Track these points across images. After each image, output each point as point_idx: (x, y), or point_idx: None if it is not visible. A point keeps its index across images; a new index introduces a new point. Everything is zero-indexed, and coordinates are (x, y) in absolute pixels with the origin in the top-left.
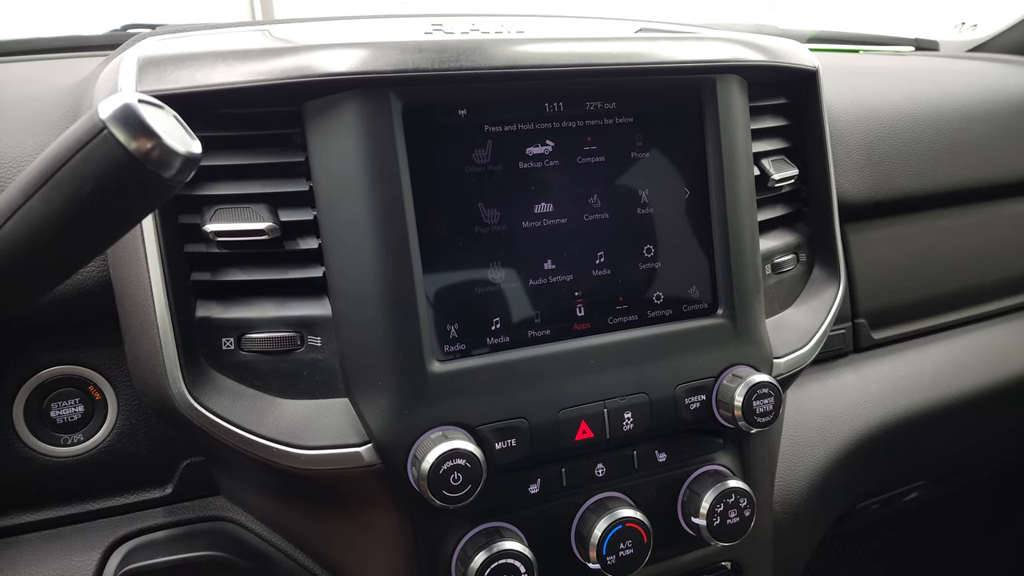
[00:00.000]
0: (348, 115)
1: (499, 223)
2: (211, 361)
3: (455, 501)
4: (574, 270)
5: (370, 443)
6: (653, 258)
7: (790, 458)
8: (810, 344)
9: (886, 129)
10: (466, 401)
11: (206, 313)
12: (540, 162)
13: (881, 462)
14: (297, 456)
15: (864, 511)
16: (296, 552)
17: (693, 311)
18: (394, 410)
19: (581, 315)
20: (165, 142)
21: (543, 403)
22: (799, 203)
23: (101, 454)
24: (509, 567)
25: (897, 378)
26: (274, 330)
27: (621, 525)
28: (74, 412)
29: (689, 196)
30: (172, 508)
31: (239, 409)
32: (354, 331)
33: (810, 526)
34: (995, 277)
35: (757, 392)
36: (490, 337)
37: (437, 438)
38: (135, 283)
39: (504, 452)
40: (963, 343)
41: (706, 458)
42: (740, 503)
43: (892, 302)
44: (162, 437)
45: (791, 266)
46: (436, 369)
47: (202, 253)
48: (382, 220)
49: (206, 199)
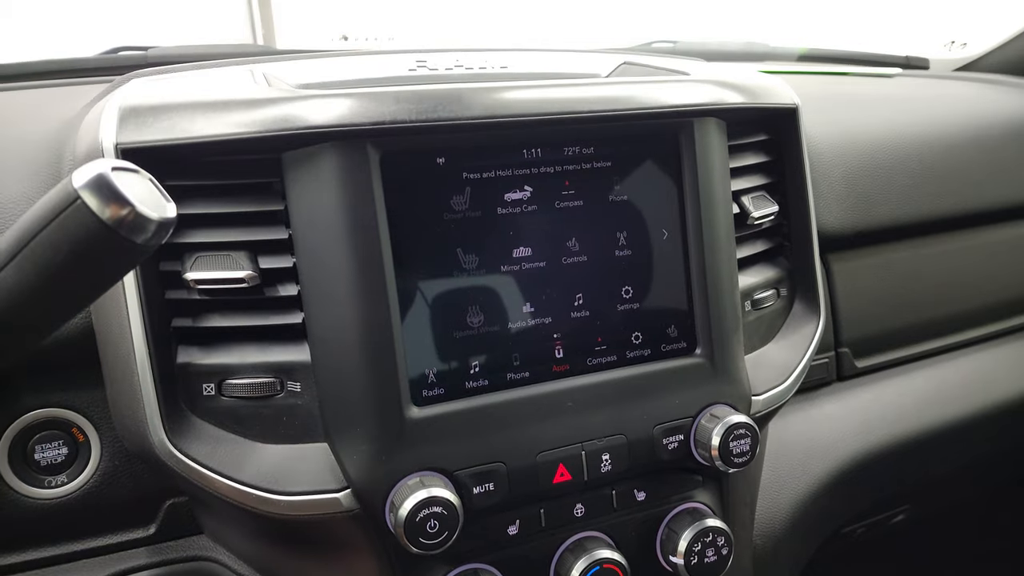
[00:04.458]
0: (326, 165)
1: (478, 268)
2: (191, 407)
3: (432, 548)
4: (553, 313)
5: (348, 489)
6: (631, 299)
7: (771, 490)
8: (789, 380)
9: (868, 160)
10: (444, 446)
11: (187, 359)
12: (518, 207)
13: (863, 490)
14: (276, 502)
15: (849, 536)
16: None
17: (671, 351)
18: (372, 456)
19: (560, 356)
20: (138, 210)
21: (521, 447)
22: (780, 238)
23: (85, 495)
24: None
25: (880, 407)
26: (254, 376)
27: (599, 566)
28: (58, 454)
29: (667, 237)
30: (155, 548)
31: (219, 455)
32: (333, 377)
33: (792, 557)
34: (977, 304)
35: (734, 433)
36: (468, 381)
37: (414, 484)
38: (116, 330)
39: (482, 496)
40: (946, 371)
41: (685, 495)
42: (718, 542)
43: (875, 330)
44: (145, 478)
45: (771, 301)
46: (414, 415)
47: (183, 300)
48: (360, 268)
49: (187, 247)
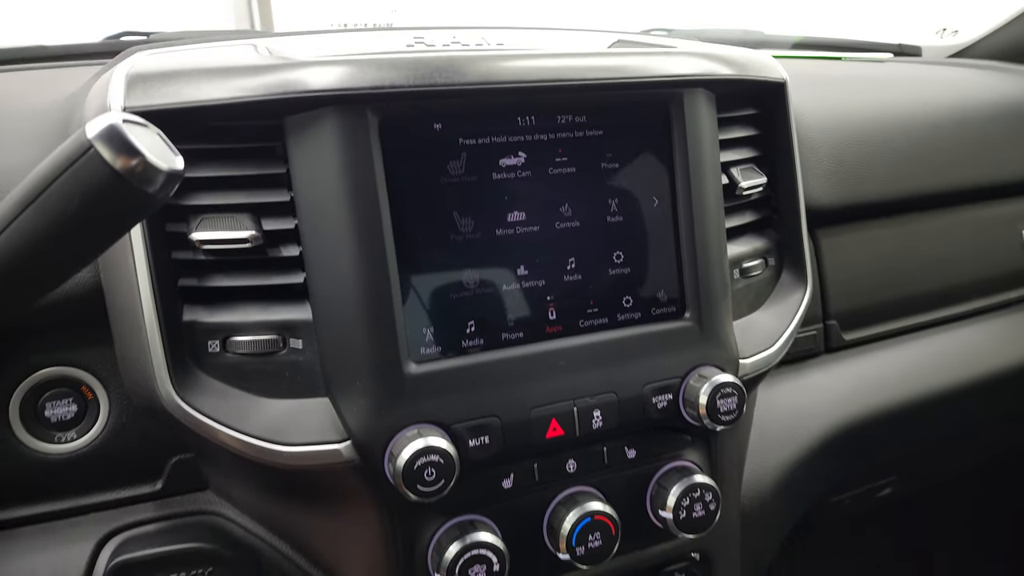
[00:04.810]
0: (327, 129)
1: (473, 231)
2: (197, 363)
3: (429, 496)
4: (546, 276)
5: (349, 440)
6: (623, 264)
7: (759, 454)
8: (776, 345)
9: (856, 137)
10: (441, 401)
11: (192, 317)
12: (513, 173)
13: (850, 458)
14: (280, 453)
15: (836, 506)
16: (280, 543)
17: (661, 314)
18: (372, 409)
19: (553, 318)
20: (148, 159)
21: (515, 402)
22: (768, 210)
23: (93, 451)
24: (482, 557)
25: (866, 377)
26: (257, 333)
27: (590, 518)
28: (67, 411)
29: (657, 205)
30: (162, 503)
31: (224, 408)
32: (334, 334)
33: (778, 519)
34: (963, 280)
35: (721, 392)
36: (465, 340)
37: (412, 435)
38: (124, 289)
39: (477, 449)
40: (931, 344)
41: (674, 454)
42: (705, 497)
43: (862, 304)
44: (152, 435)
45: (759, 270)
46: (412, 370)
47: (188, 260)
48: (360, 229)
49: (192, 209)
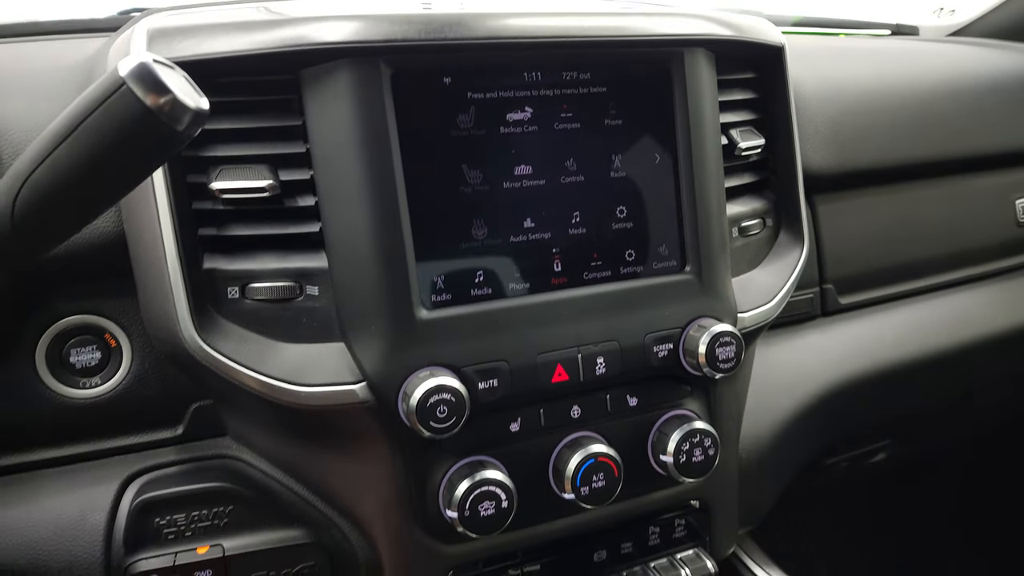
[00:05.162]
0: (341, 81)
1: (482, 183)
2: (218, 309)
3: (441, 432)
4: (552, 228)
5: (364, 382)
6: (625, 218)
7: (757, 409)
8: (774, 301)
9: (853, 105)
10: (451, 345)
11: (212, 265)
12: (520, 127)
13: (846, 416)
14: (297, 393)
15: (832, 469)
16: (297, 486)
17: (662, 268)
18: (385, 352)
19: (558, 270)
20: (178, 97)
21: (522, 348)
22: (766, 172)
23: (117, 397)
24: (491, 494)
25: (862, 338)
26: (275, 280)
27: (594, 459)
28: (92, 358)
29: (659, 161)
30: (183, 447)
31: (244, 351)
32: (348, 281)
33: (775, 473)
34: (957, 248)
35: (720, 340)
36: (474, 289)
37: (425, 376)
38: (148, 237)
39: (487, 391)
40: (926, 308)
41: (674, 403)
42: (705, 443)
43: (859, 269)
44: (173, 382)
45: (757, 230)
46: (424, 316)
47: (208, 210)
48: (373, 179)
49: (212, 160)
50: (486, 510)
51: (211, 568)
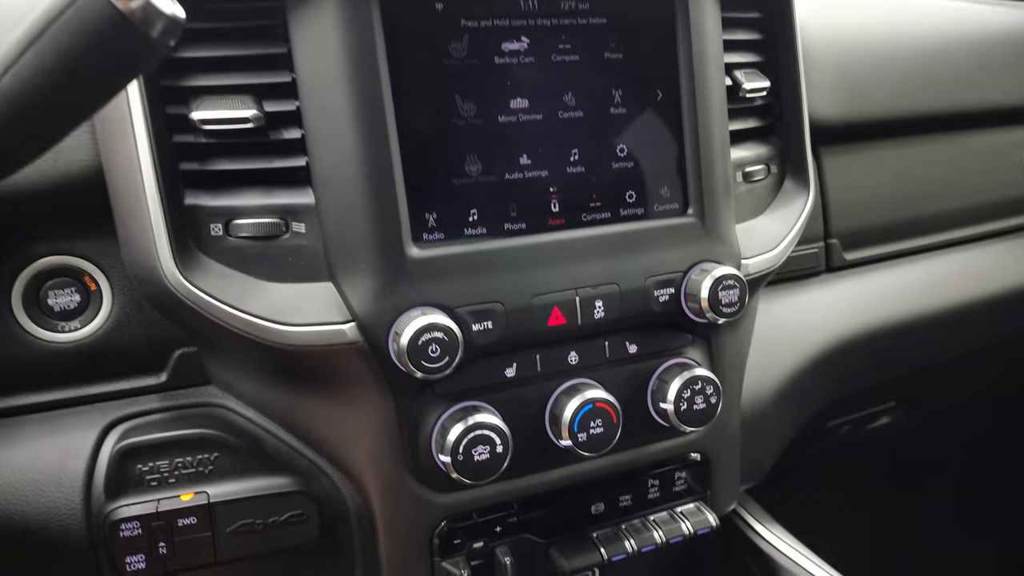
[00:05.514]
0: (328, 6)
1: (475, 116)
2: (200, 246)
3: (433, 372)
4: (549, 166)
5: (353, 322)
6: (626, 157)
7: (760, 363)
8: (778, 248)
9: (861, 53)
10: (444, 285)
11: (194, 201)
12: (515, 58)
13: (850, 372)
14: (283, 332)
15: (835, 432)
16: (284, 433)
17: (664, 210)
18: (375, 291)
19: (556, 210)
20: (151, 0)
21: (518, 289)
22: (771, 117)
23: (97, 341)
24: (485, 438)
25: (867, 294)
26: (260, 217)
27: (591, 405)
28: (70, 301)
29: (661, 99)
30: (166, 395)
31: (228, 289)
32: (336, 217)
33: (778, 428)
34: (966, 204)
35: (723, 283)
36: (467, 228)
37: (416, 315)
38: (126, 172)
39: (481, 333)
40: (932, 265)
41: (675, 351)
42: (707, 390)
43: (865, 224)
44: (156, 327)
45: (762, 176)
46: (415, 254)
47: (190, 143)
48: (361, 109)
49: (193, 90)
50: (480, 455)
51: (195, 515)
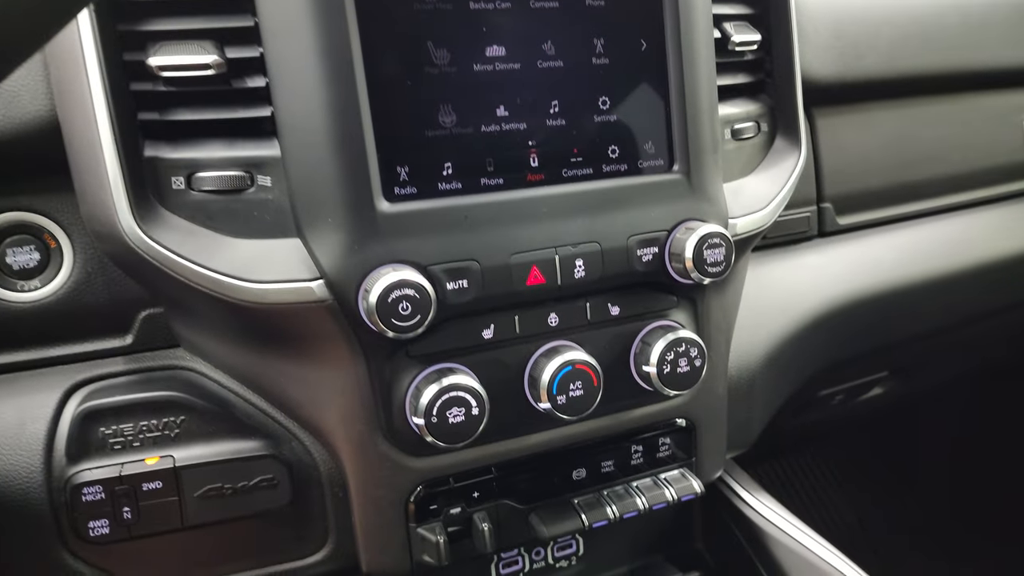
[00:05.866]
0: None
1: (449, 64)
2: (161, 200)
3: (405, 331)
4: (528, 118)
5: (321, 279)
6: (608, 110)
7: (748, 328)
8: (767, 208)
9: (857, 11)
10: (416, 241)
11: (154, 153)
12: (492, 3)
13: (841, 339)
14: (249, 290)
15: (826, 402)
16: (254, 396)
17: (648, 166)
18: (344, 247)
19: (535, 165)
20: None
21: (495, 247)
22: (762, 73)
23: (59, 301)
24: (460, 400)
25: (860, 259)
26: (223, 170)
27: (571, 366)
28: (30, 259)
29: (646, 48)
30: (132, 357)
31: (190, 245)
32: (303, 170)
33: (766, 395)
34: (963, 169)
35: (708, 242)
36: (441, 183)
37: (386, 272)
38: (81, 121)
39: (456, 292)
40: (926, 231)
41: (659, 313)
42: (691, 352)
43: (859, 188)
44: (119, 287)
45: (751, 133)
46: (385, 209)
47: (148, 92)
48: (328, 55)
49: (151, 35)
50: (455, 417)
51: (161, 479)
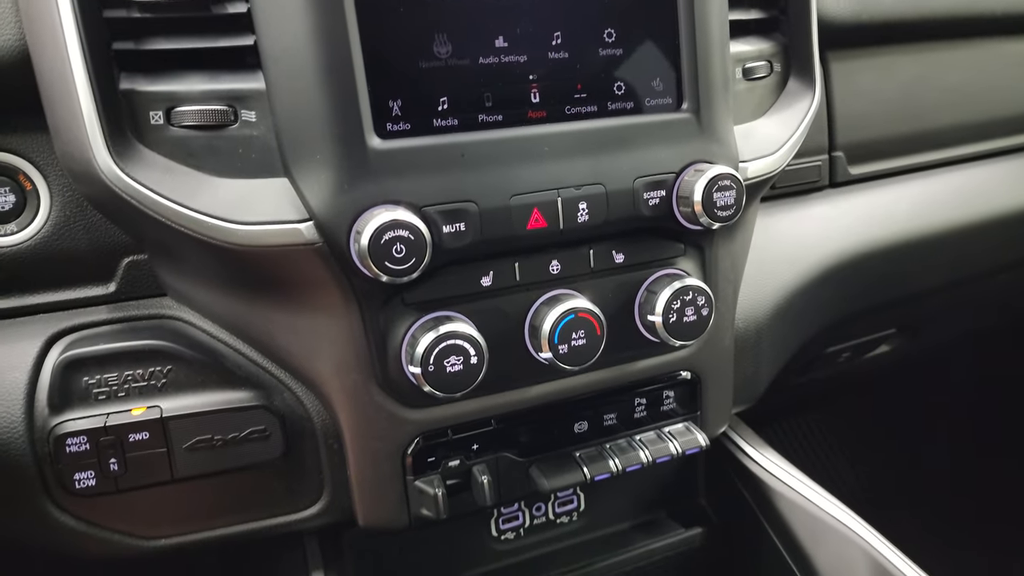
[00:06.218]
0: None
1: None
2: (139, 136)
3: (399, 275)
4: (528, 50)
5: (310, 220)
6: (614, 44)
7: (757, 278)
8: (780, 151)
9: None
10: (410, 180)
11: (130, 85)
12: None
13: (850, 292)
14: (234, 231)
15: (834, 359)
16: (243, 346)
17: (656, 105)
18: (334, 186)
19: (536, 101)
20: None
21: (494, 188)
22: (775, 9)
23: (37, 247)
24: (458, 348)
25: (871, 210)
26: (205, 103)
27: (573, 314)
28: (5, 201)
29: None
30: (116, 306)
31: (171, 184)
32: (289, 103)
33: (773, 348)
34: (981, 118)
35: (718, 184)
36: (437, 118)
37: (379, 212)
38: (52, 51)
39: (452, 236)
40: (942, 181)
41: (665, 261)
42: (698, 301)
43: (872, 136)
44: (100, 232)
45: (763, 73)
46: (377, 145)
47: (123, 19)
48: None
49: None
50: (452, 366)
51: (147, 430)
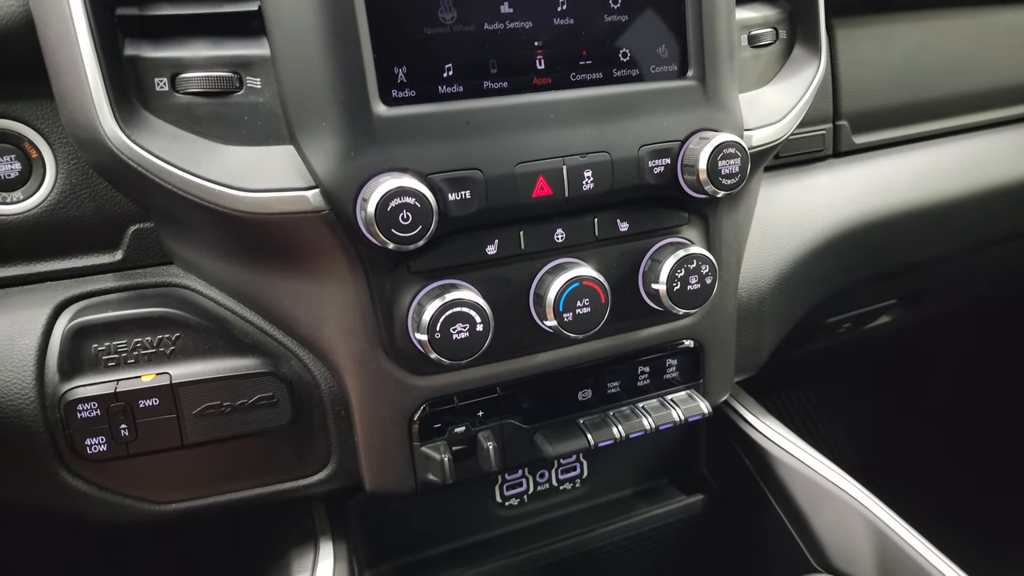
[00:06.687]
0: None
1: None
2: (145, 103)
3: (406, 242)
4: (533, 16)
5: (316, 188)
6: (620, 10)
7: (760, 247)
8: (785, 119)
9: None
10: (416, 148)
11: (135, 52)
12: None
13: (853, 262)
14: (240, 199)
15: (834, 329)
16: (250, 314)
17: (661, 72)
18: (340, 153)
19: (541, 68)
20: None
21: (499, 155)
22: None
23: (43, 215)
24: (464, 316)
25: (875, 180)
26: (210, 70)
27: (578, 282)
28: (10, 169)
29: None
30: (123, 274)
31: (177, 151)
32: (294, 70)
33: (775, 318)
34: (987, 87)
35: (723, 152)
36: (442, 85)
37: (385, 179)
38: (56, 16)
39: (458, 204)
40: (946, 151)
41: (670, 230)
42: (702, 269)
43: (877, 105)
44: (107, 200)
45: (769, 40)
46: (383, 112)
47: None
48: None
49: None
50: (459, 332)
51: (157, 396)
